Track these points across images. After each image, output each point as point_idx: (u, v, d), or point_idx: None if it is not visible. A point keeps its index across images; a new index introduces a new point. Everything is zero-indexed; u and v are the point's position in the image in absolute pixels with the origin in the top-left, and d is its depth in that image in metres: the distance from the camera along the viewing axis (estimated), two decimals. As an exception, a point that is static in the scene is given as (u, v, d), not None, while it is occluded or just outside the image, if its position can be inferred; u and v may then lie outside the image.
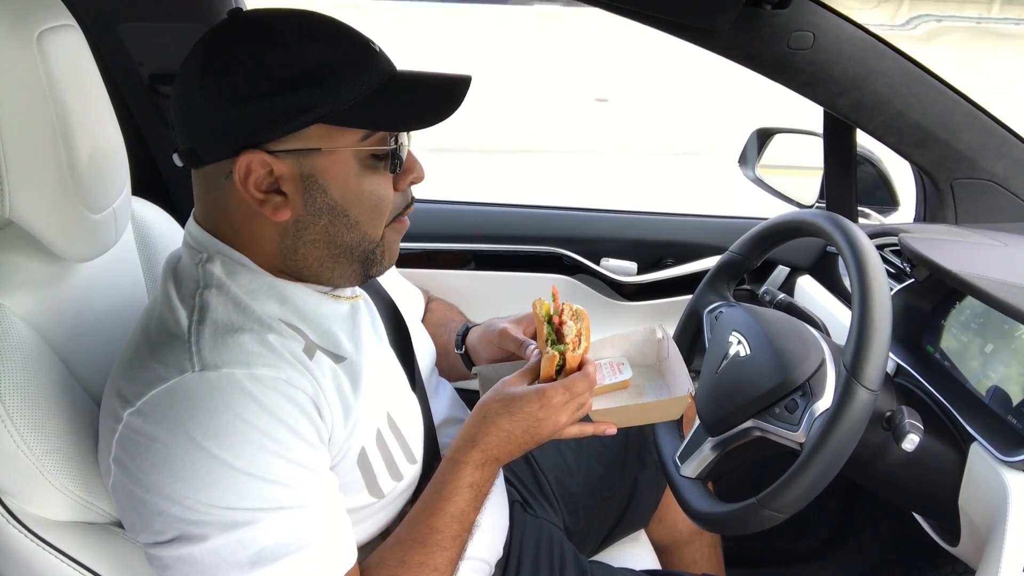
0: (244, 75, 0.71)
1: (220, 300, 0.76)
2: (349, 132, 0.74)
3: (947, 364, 1.07)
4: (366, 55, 0.75)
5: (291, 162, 0.74)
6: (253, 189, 0.74)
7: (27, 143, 0.75)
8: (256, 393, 0.70)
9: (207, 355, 0.71)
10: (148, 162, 1.69)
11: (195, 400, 0.69)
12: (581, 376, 0.87)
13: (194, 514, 0.67)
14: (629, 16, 1.14)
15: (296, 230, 0.78)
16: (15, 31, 0.74)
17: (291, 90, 0.71)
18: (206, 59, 0.73)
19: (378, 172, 0.78)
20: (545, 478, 1.22)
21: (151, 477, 0.68)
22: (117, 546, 0.80)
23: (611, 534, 1.28)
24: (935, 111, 1.19)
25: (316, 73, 0.71)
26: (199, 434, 0.67)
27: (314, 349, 0.79)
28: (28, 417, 0.73)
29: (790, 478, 0.85)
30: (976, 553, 0.94)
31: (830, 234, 0.95)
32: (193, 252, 0.80)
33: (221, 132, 0.73)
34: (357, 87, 0.73)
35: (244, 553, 0.68)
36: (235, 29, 0.74)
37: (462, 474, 0.83)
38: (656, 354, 1.06)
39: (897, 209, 1.53)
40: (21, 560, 0.75)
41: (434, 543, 0.80)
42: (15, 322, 0.77)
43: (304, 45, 0.72)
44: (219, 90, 0.72)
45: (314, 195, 0.76)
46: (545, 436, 0.86)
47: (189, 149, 0.76)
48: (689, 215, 1.76)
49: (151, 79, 1.58)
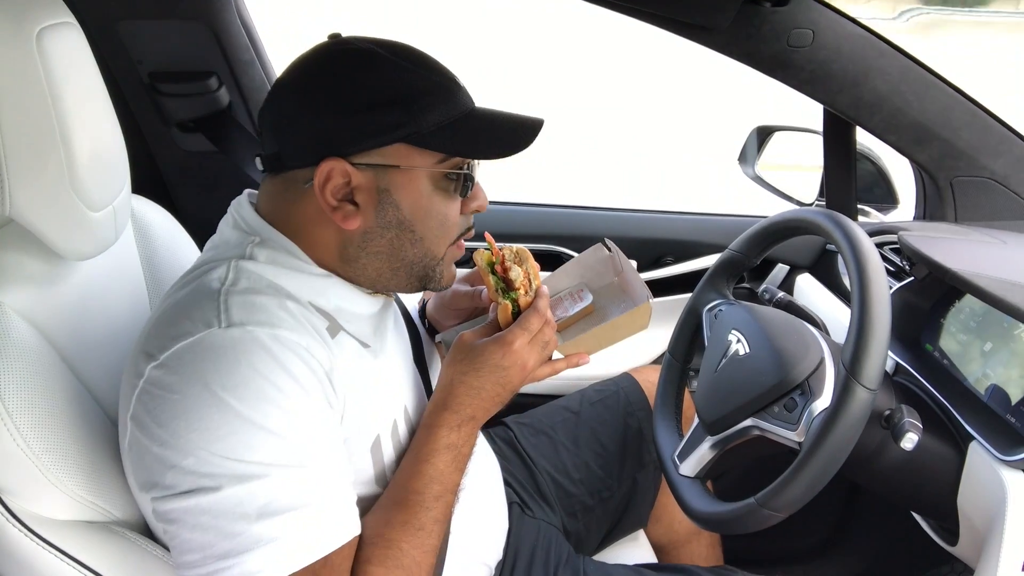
0: (341, 90, 0.77)
1: (256, 270, 0.80)
2: (427, 154, 0.80)
3: (946, 363, 1.07)
4: (452, 87, 0.81)
5: (369, 175, 0.79)
6: (329, 196, 0.79)
7: (27, 141, 0.75)
8: (276, 352, 0.72)
9: (234, 313, 0.74)
10: (147, 160, 1.69)
11: (217, 354, 0.71)
12: (532, 311, 0.88)
13: (207, 466, 0.68)
14: (629, 14, 1.14)
15: (362, 240, 0.82)
16: (15, 29, 0.74)
17: (381, 109, 0.77)
18: (307, 74, 0.80)
19: (448, 194, 0.83)
20: (543, 479, 1.23)
21: (167, 429, 0.69)
22: (117, 545, 0.80)
23: (610, 534, 1.28)
24: (935, 109, 1.19)
25: (406, 97, 0.77)
26: (218, 386, 0.69)
27: (338, 330, 0.82)
28: (28, 415, 0.73)
29: (789, 477, 0.85)
30: (975, 552, 0.94)
31: (829, 232, 0.95)
32: (243, 234, 0.83)
33: (310, 140, 0.78)
34: (440, 114, 0.79)
35: (252, 505, 0.69)
36: (336, 49, 0.80)
37: (437, 436, 0.85)
38: (612, 270, 1.02)
39: (897, 207, 1.53)
40: (21, 559, 0.75)
41: (415, 503, 0.81)
42: (15, 320, 0.77)
43: (398, 71, 0.78)
44: (316, 101, 0.78)
45: (386, 208, 0.81)
46: (517, 383, 0.88)
47: (275, 154, 0.81)
48: (689, 213, 1.76)
49: (151, 77, 1.58)
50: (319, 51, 0.81)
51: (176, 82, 1.59)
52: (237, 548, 0.68)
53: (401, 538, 0.79)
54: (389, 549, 0.78)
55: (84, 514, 0.79)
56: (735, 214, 1.75)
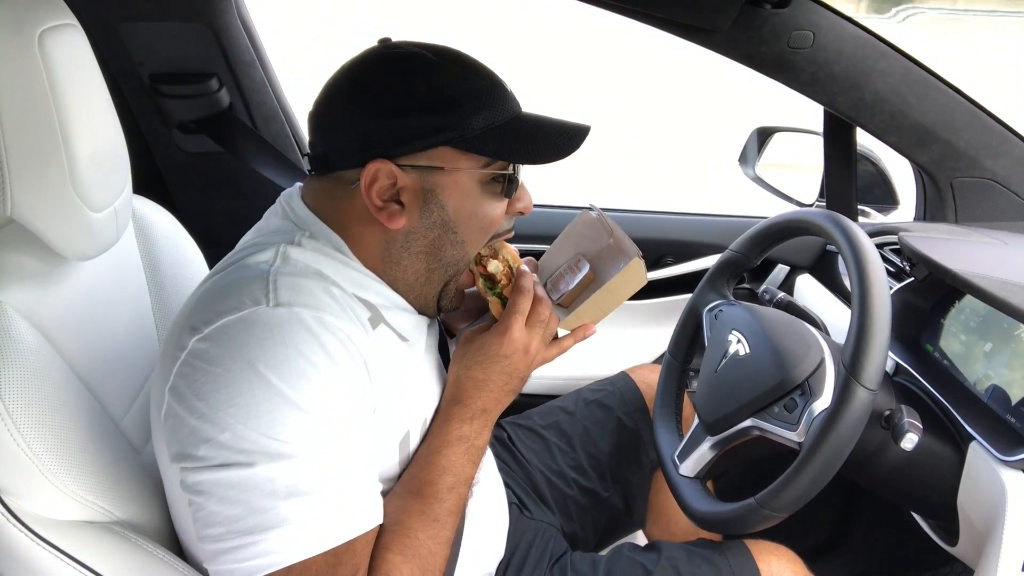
0: (389, 94, 0.78)
1: (303, 257, 0.81)
2: (472, 157, 0.81)
3: (946, 363, 1.07)
4: (498, 92, 0.82)
5: (415, 176, 0.80)
6: (375, 196, 0.80)
7: (28, 141, 0.75)
8: (320, 335, 0.73)
9: (282, 293, 0.74)
10: (148, 161, 1.69)
11: (263, 330, 0.71)
12: (516, 293, 0.89)
13: (243, 442, 0.68)
14: (630, 15, 1.14)
15: (406, 240, 0.83)
16: (16, 30, 0.74)
17: (428, 113, 0.78)
18: (357, 77, 0.81)
19: (494, 196, 0.84)
20: (539, 480, 1.23)
21: (207, 401, 0.69)
22: (118, 545, 0.80)
23: (608, 534, 1.28)
24: (935, 110, 1.19)
25: (452, 101, 0.78)
26: (261, 363, 0.69)
27: (379, 322, 0.83)
28: (28, 415, 0.73)
29: (789, 477, 0.85)
30: (974, 552, 0.94)
31: (830, 233, 0.95)
32: (292, 225, 0.84)
33: (358, 141, 0.79)
34: (486, 118, 0.80)
35: (282, 483, 0.69)
36: (385, 54, 0.81)
37: (448, 429, 0.86)
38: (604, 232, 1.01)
39: (897, 208, 1.53)
40: (21, 559, 0.75)
41: (430, 494, 0.82)
42: (16, 319, 0.77)
43: (445, 75, 0.79)
44: (362, 104, 0.79)
45: (431, 208, 0.82)
46: (524, 369, 0.89)
47: (323, 155, 0.82)
48: (689, 214, 1.76)
49: (151, 78, 1.58)
50: (369, 55, 0.82)
51: (177, 83, 1.59)
52: (263, 525, 0.68)
53: (418, 527, 0.80)
54: (407, 537, 0.79)
55: (84, 514, 0.79)
56: (735, 215, 1.75)
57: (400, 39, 0.85)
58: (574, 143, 0.83)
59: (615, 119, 6.02)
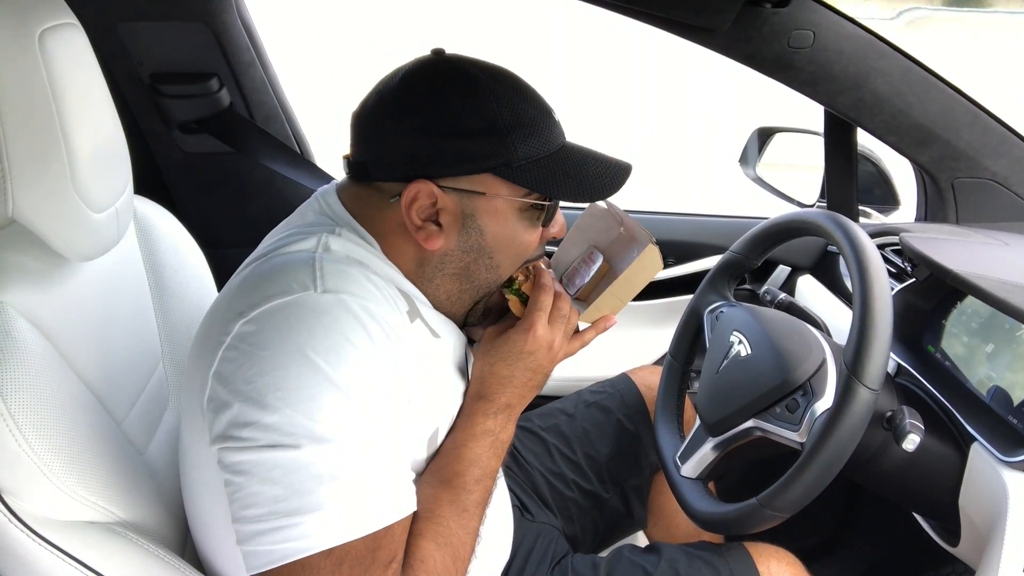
0: (440, 114, 0.77)
1: (344, 247, 0.81)
2: (515, 186, 0.81)
3: (948, 364, 1.07)
4: (546, 122, 0.81)
5: (456, 199, 0.80)
6: (415, 215, 0.79)
7: (29, 142, 0.75)
8: (366, 323, 0.73)
9: (329, 280, 0.74)
10: (148, 161, 1.69)
11: (312, 315, 0.71)
12: (537, 289, 0.89)
13: (289, 424, 0.68)
14: (629, 15, 1.14)
15: (441, 262, 0.83)
16: (17, 30, 0.74)
17: (475, 137, 0.77)
18: (405, 89, 0.79)
19: (531, 223, 0.84)
20: (539, 482, 1.23)
21: (254, 384, 0.69)
22: (119, 545, 0.80)
23: (609, 535, 1.28)
24: (936, 110, 1.19)
25: (502, 128, 0.78)
26: (310, 347, 0.69)
27: (416, 315, 0.83)
28: (30, 416, 0.73)
29: (791, 478, 0.85)
30: (976, 553, 0.94)
31: (831, 233, 0.95)
32: (327, 219, 0.84)
33: (400, 157, 0.79)
34: (533, 148, 0.79)
35: (326, 466, 0.69)
36: (438, 68, 0.80)
37: (474, 423, 0.86)
38: (615, 222, 1.01)
39: (898, 208, 1.53)
40: (22, 559, 0.75)
41: (459, 485, 0.83)
42: (17, 320, 0.77)
43: (496, 100, 0.78)
44: (410, 119, 0.78)
45: (470, 232, 0.82)
46: (547, 365, 0.89)
47: (362, 163, 0.81)
48: (690, 215, 1.76)
49: (152, 78, 1.58)
50: (422, 68, 0.81)
51: (177, 83, 1.59)
52: (305, 507, 0.68)
53: (449, 516, 0.81)
54: (439, 525, 0.80)
55: (86, 514, 0.78)
56: (736, 215, 1.75)
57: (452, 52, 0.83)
58: (616, 183, 0.83)
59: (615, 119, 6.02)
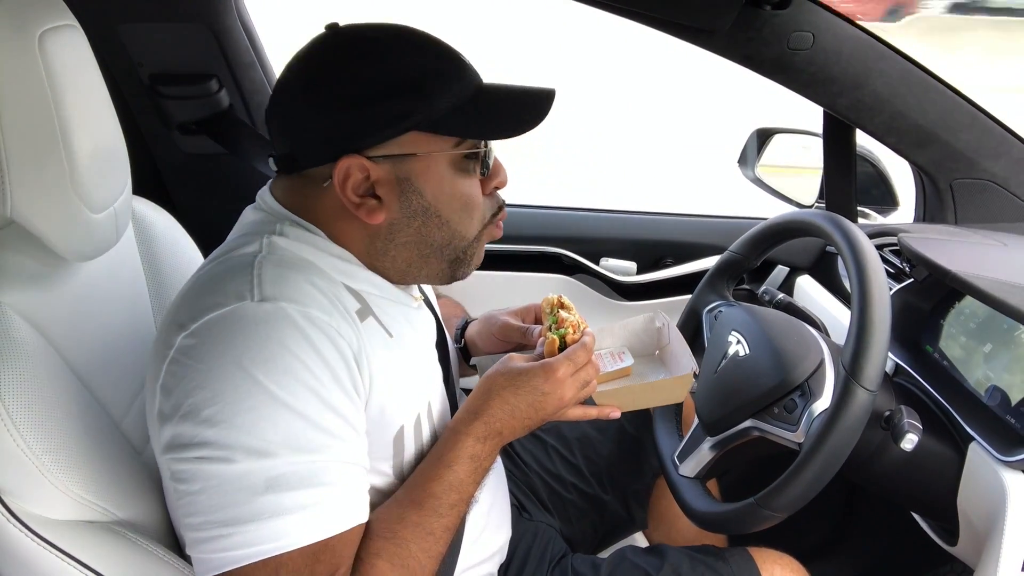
0: (347, 84, 0.75)
1: (290, 246, 0.79)
2: (442, 138, 0.79)
3: (946, 364, 1.07)
4: (458, 67, 0.79)
5: (388, 167, 0.78)
6: (351, 193, 0.78)
7: (28, 142, 0.75)
8: (306, 330, 0.72)
9: (267, 288, 0.73)
10: (148, 162, 1.69)
11: (248, 327, 0.70)
12: (580, 346, 0.88)
13: (226, 438, 0.68)
14: (629, 16, 1.14)
15: (389, 233, 0.81)
16: (16, 31, 0.74)
17: (390, 99, 0.75)
18: (309, 70, 0.78)
19: (469, 175, 0.82)
20: (538, 484, 1.22)
21: (192, 398, 0.69)
22: (118, 545, 0.80)
23: (608, 537, 1.28)
24: (935, 111, 1.19)
25: (414, 83, 0.76)
26: (247, 359, 0.69)
27: (368, 314, 0.81)
28: (28, 416, 0.73)
29: (788, 478, 0.85)
30: (974, 552, 0.94)
31: (829, 234, 0.95)
32: (270, 216, 0.83)
33: (322, 138, 0.77)
34: (451, 97, 0.77)
35: (261, 478, 0.69)
36: (336, 41, 0.78)
37: (463, 445, 0.84)
38: (656, 343, 1.05)
39: (896, 209, 1.54)
40: (21, 559, 0.75)
41: (431, 507, 0.81)
42: (16, 320, 0.77)
43: (402, 57, 0.76)
44: (322, 98, 0.76)
45: (409, 197, 0.80)
46: (550, 412, 0.87)
47: (287, 155, 0.80)
48: (689, 215, 1.76)
49: (151, 79, 1.58)
50: (318, 44, 0.79)
51: (177, 84, 1.59)
52: (240, 518, 0.68)
53: (411, 539, 0.79)
54: (399, 547, 0.78)
55: (85, 514, 0.79)
56: (735, 216, 1.75)
57: (348, 22, 0.81)
58: (541, 111, 0.80)
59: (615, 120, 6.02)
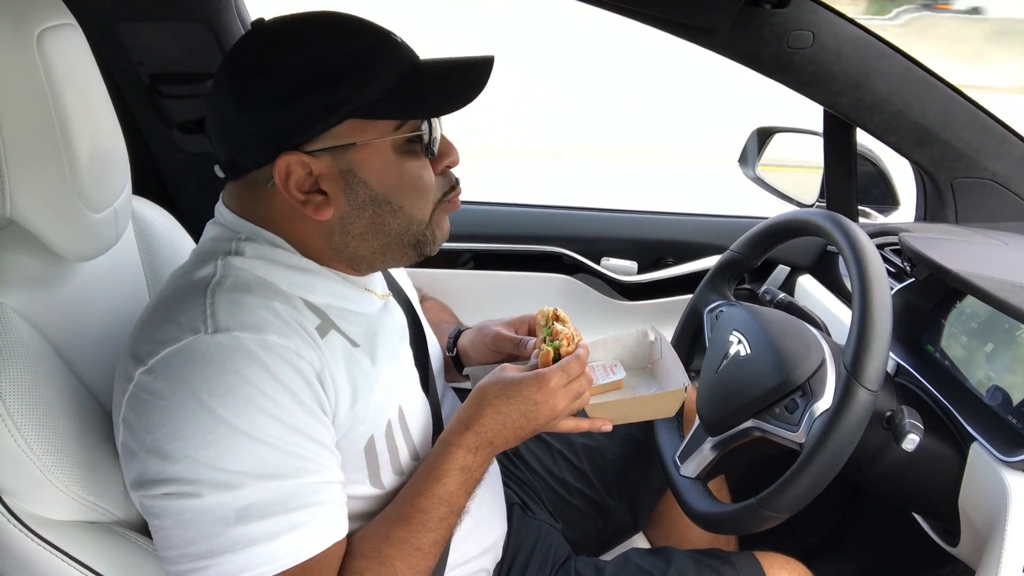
0: (273, 80, 0.73)
1: (245, 266, 0.78)
2: (381, 124, 0.76)
3: (947, 364, 1.07)
4: (388, 47, 0.77)
5: (328, 160, 0.76)
6: (295, 191, 0.76)
7: (28, 142, 0.75)
8: (264, 358, 0.71)
9: (221, 317, 0.72)
10: (148, 161, 1.69)
11: (204, 360, 0.70)
12: (574, 358, 0.87)
13: (191, 473, 0.68)
14: (629, 15, 1.14)
15: (342, 227, 0.80)
16: (15, 30, 0.74)
17: (319, 90, 0.73)
18: (235, 70, 0.76)
19: (416, 157, 0.80)
20: (540, 485, 1.22)
21: (154, 435, 0.69)
22: (118, 545, 0.80)
23: (609, 540, 1.28)
24: (935, 110, 1.19)
25: (341, 70, 0.73)
26: (205, 393, 0.69)
27: (329, 329, 0.80)
28: (29, 416, 0.73)
29: (789, 479, 0.85)
30: (976, 553, 0.94)
31: (830, 233, 0.95)
32: (227, 230, 0.82)
33: (257, 139, 0.75)
34: (383, 80, 0.75)
35: (232, 509, 0.69)
36: (259, 37, 0.76)
37: (454, 456, 0.83)
38: (648, 357, 1.06)
39: (897, 208, 1.53)
40: (22, 559, 0.75)
41: (419, 523, 0.80)
42: (16, 321, 0.77)
43: (327, 45, 0.74)
44: (250, 98, 0.74)
45: (355, 189, 0.78)
46: (542, 422, 0.86)
47: (230, 160, 0.79)
48: (689, 215, 1.76)
49: (151, 78, 1.58)
50: (244, 43, 0.77)
51: (177, 83, 1.59)
52: (215, 549, 0.69)
53: (397, 557, 0.78)
54: (383, 567, 0.77)
55: (85, 514, 0.79)
56: (736, 215, 1.75)
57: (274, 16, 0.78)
58: (479, 81, 0.77)
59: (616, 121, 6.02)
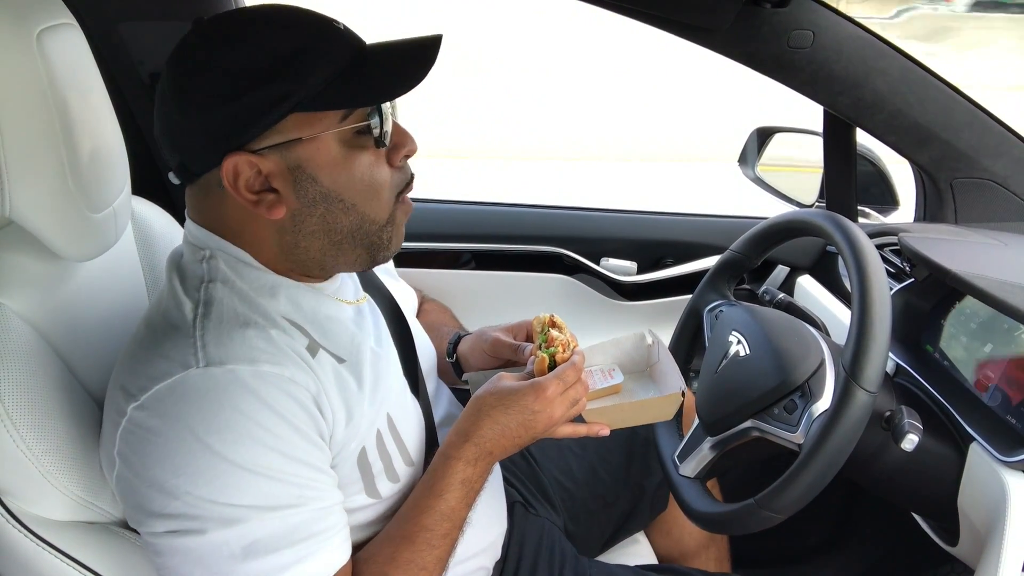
0: (212, 79, 0.71)
1: (226, 293, 0.77)
2: (326, 116, 0.73)
3: (946, 364, 1.07)
4: (329, 36, 0.74)
5: (275, 157, 0.74)
6: (245, 191, 0.74)
7: (27, 142, 0.75)
8: (259, 390, 0.70)
9: (212, 351, 0.71)
10: (148, 161, 1.69)
11: (198, 396, 0.69)
12: (569, 365, 0.87)
13: (194, 509, 0.68)
14: (629, 15, 1.14)
15: (294, 225, 0.77)
16: (15, 30, 0.74)
17: (260, 86, 0.70)
18: (175, 73, 0.74)
19: (366, 150, 0.77)
20: (547, 481, 1.22)
21: (153, 472, 0.69)
22: (117, 546, 0.80)
23: (613, 537, 1.28)
24: (935, 110, 1.19)
25: (282, 63, 0.71)
26: (201, 429, 0.68)
27: (317, 348, 0.79)
28: (28, 417, 0.73)
29: (788, 479, 0.85)
30: (975, 553, 0.94)
31: (830, 234, 0.95)
32: (195, 249, 0.80)
33: (202, 141, 0.73)
34: (325, 69, 0.72)
35: (239, 544, 0.69)
36: (196, 37, 0.74)
37: (454, 470, 0.83)
38: (646, 360, 1.06)
39: (897, 208, 1.53)
40: (21, 560, 0.75)
41: (423, 541, 0.80)
42: (15, 321, 0.77)
43: (263, 38, 0.72)
44: (190, 100, 0.72)
45: (305, 186, 0.75)
46: (540, 431, 0.86)
47: (180, 165, 0.77)
48: (689, 215, 1.76)
49: (151, 78, 1.58)
50: (183, 43, 0.74)
51: (177, 83, 1.59)
52: None
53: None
54: None
55: (84, 515, 0.79)
56: (736, 215, 1.75)
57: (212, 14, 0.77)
58: (427, 61, 0.74)
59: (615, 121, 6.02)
